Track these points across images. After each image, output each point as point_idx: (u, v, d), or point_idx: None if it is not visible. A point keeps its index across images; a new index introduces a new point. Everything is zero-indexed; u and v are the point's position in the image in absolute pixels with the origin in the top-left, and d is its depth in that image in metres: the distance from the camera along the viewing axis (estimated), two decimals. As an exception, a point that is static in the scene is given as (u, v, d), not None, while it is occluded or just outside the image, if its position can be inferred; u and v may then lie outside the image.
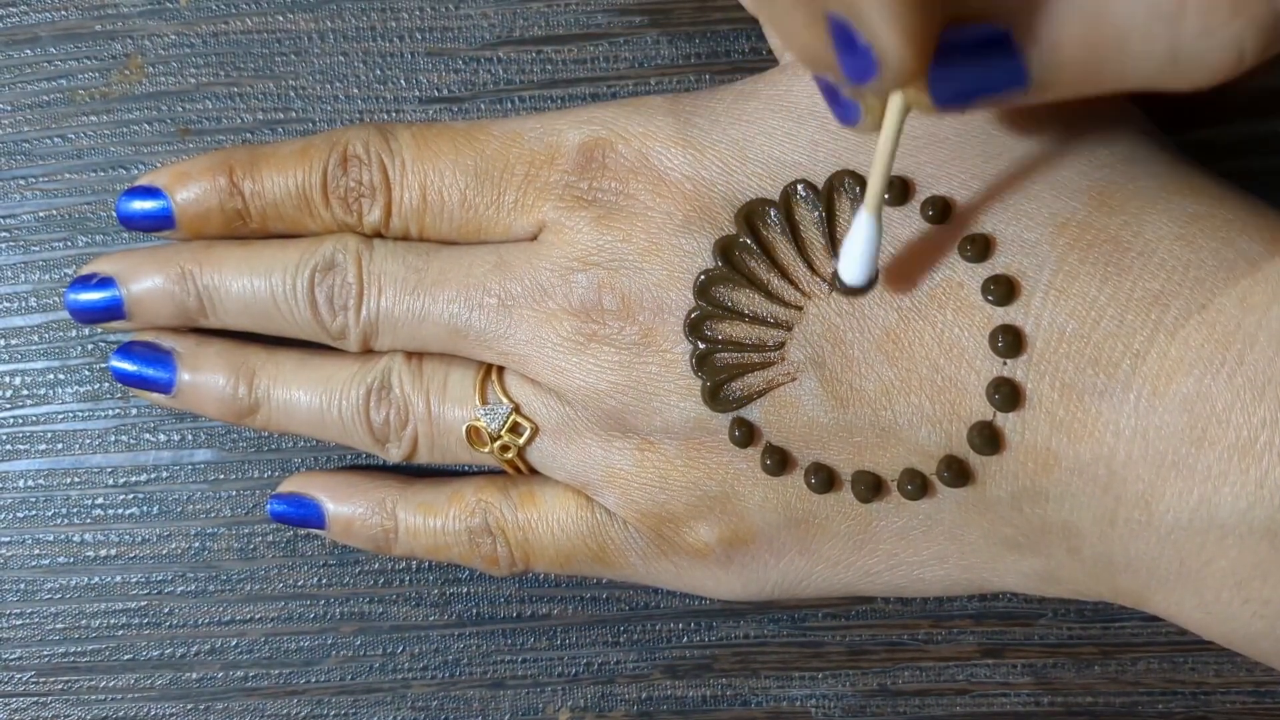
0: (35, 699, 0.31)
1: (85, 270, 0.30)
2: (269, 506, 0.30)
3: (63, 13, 0.31)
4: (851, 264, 0.23)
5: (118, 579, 0.31)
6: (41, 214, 0.31)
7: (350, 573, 0.31)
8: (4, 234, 0.31)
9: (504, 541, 0.29)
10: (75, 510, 0.31)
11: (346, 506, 0.30)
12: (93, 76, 0.31)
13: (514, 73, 0.31)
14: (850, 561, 0.27)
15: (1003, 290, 0.24)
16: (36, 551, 0.31)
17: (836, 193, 0.26)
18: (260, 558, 0.31)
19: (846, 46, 0.18)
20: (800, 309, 0.26)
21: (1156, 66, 0.18)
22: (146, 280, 0.29)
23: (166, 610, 0.31)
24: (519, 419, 0.28)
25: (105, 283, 0.29)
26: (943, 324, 0.25)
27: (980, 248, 0.25)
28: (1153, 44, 0.18)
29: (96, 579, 0.31)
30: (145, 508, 0.31)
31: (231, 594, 0.31)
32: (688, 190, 0.27)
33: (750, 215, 0.26)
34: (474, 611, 0.31)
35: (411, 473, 0.31)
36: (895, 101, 0.21)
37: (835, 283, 0.24)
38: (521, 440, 0.28)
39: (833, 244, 0.26)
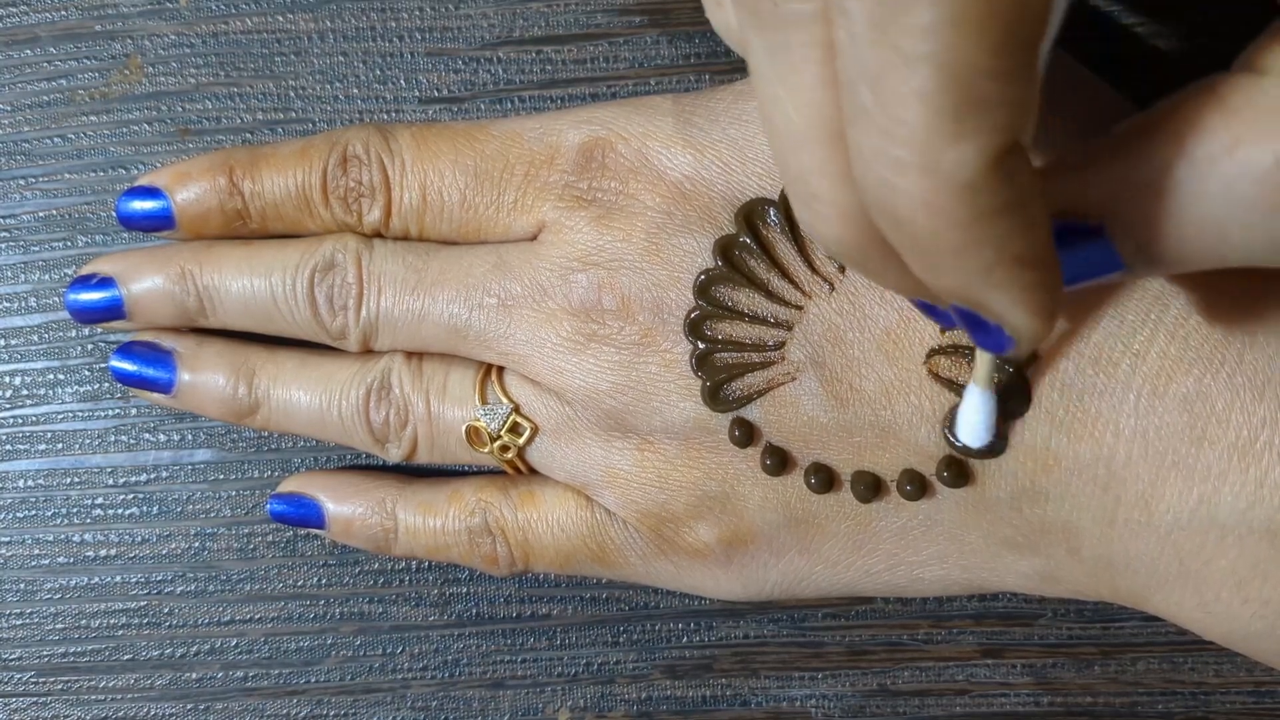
0: (35, 699, 0.31)
1: (85, 270, 0.30)
2: (269, 506, 0.30)
3: (62, 13, 0.31)
4: (971, 431, 0.24)
5: (117, 579, 0.31)
6: (41, 214, 0.31)
7: (350, 573, 0.31)
8: (4, 234, 0.31)
9: (504, 541, 0.29)
10: (75, 510, 0.31)
11: (346, 506, 0.30)
12: (92, 76, 0.31)
13: (514, 73, 0.31)
14: (850, 561, 0.27)
15: None
16: (36, 551, 0.31)
17: None
18: (260, 558, 0.31)
19: (977, 326, 0.19)
20: (800, 309, 0.26)
21: (1259, 254, 0.18)
22: (146, 280, 0.29)
23: (166, 610, 0.31)
24: (519, 419, 0.28)
25: (105, 283, 0.29)
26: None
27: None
28: (1253, 235, 0.18)
29: (96, 579, 0.31)
30: (145, 508, 0.31)
31: (231, 594, 0.31)
32: (687, 190, 0.27)
33: (750, 215, 0.26)
34: (474, 611, 0.31)
35: (411, 473, 0.31)
36: None
37: (956, 446, 0.25)
38: (521, 440, 0.28)
39: None
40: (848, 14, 0.16)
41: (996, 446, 0.24)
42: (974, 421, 0.24)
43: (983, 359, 0.23)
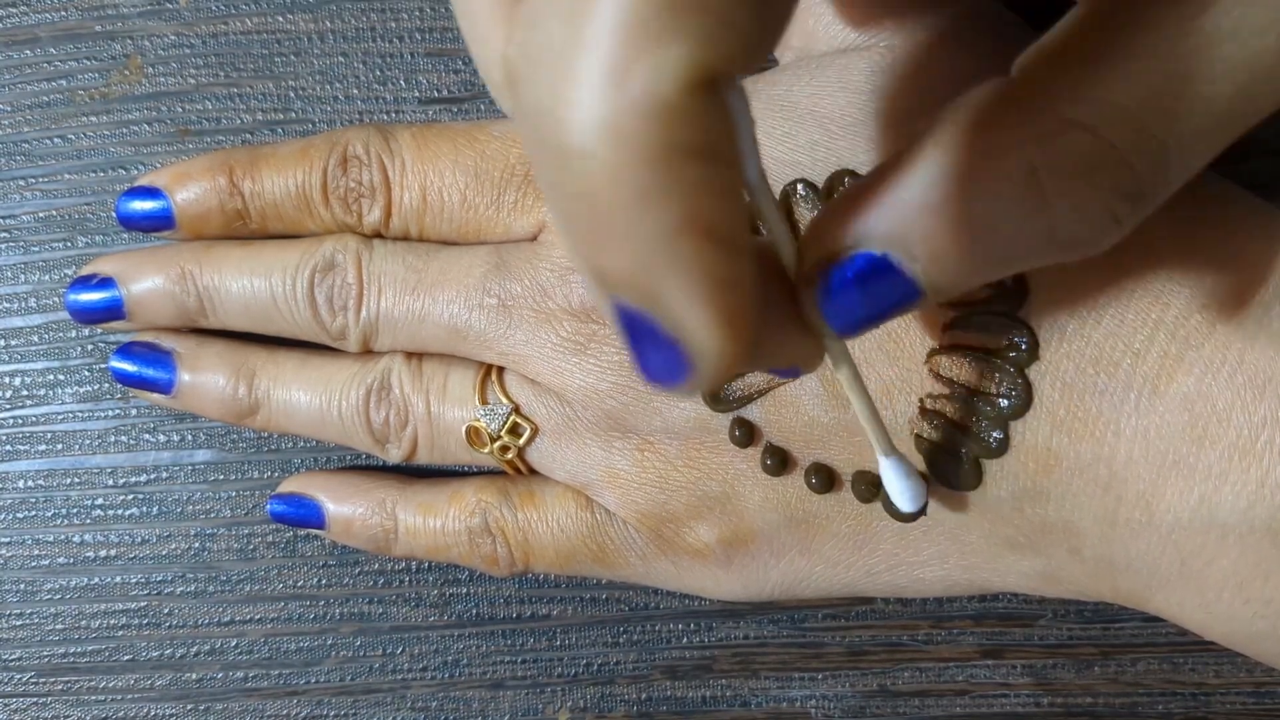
0: (35, 699, 0.31)
1: (85, 271, 0.30)
2: (269, 507, 0.30)
3: (62, 13, 0.31)
4: (900, 498, 0.24)
5: (117, 579, 0.31)
6: (41, 214, 0.31)
7: (350, 573, 0.31)
8: (4, 234, 0.31)
9: (504, 542, 0.29)
10: (75, 511, 0.31)
11: (346, 507, 0.30)
12: (92, 77, 0.31)
13: (514, 73, 0.30)
14: (850, 561, 0.27)
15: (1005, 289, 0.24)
16: (36, 552, 0.31)
17: (836, 193, 0.26)
18: (260, 558, 0.31)
19: (643, 339, 0.15)
20: (800, 309, 0.26)
21: (1040, 250, 0.18)
22: (146, 280, 0.29)
23: (166, 611, 0.31)
24: (519, 419, 0.28)
25: (105, 283, 0.29)
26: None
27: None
28: (1026, 233, 0.18)
29: (96, 579, 0.31)
30: (145, 508, 0.31)
31: (231, 594, 0.31)
32: (688, 189, 0.26)
33: (750, 215, 0.26)
34: (474, 612, 0.31)
35: (411, 473, 0.31)
36: (837, 353, 0.21)
37: (893, 512, 0.25)
38: (521, 441, 0.28)
39: None
40: None
41: (925, 507, 0.24)
42: (898, 489, 0.24)
43: (870, 427, 0.22)
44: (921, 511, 0.24)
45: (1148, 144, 0.18)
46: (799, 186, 0.26)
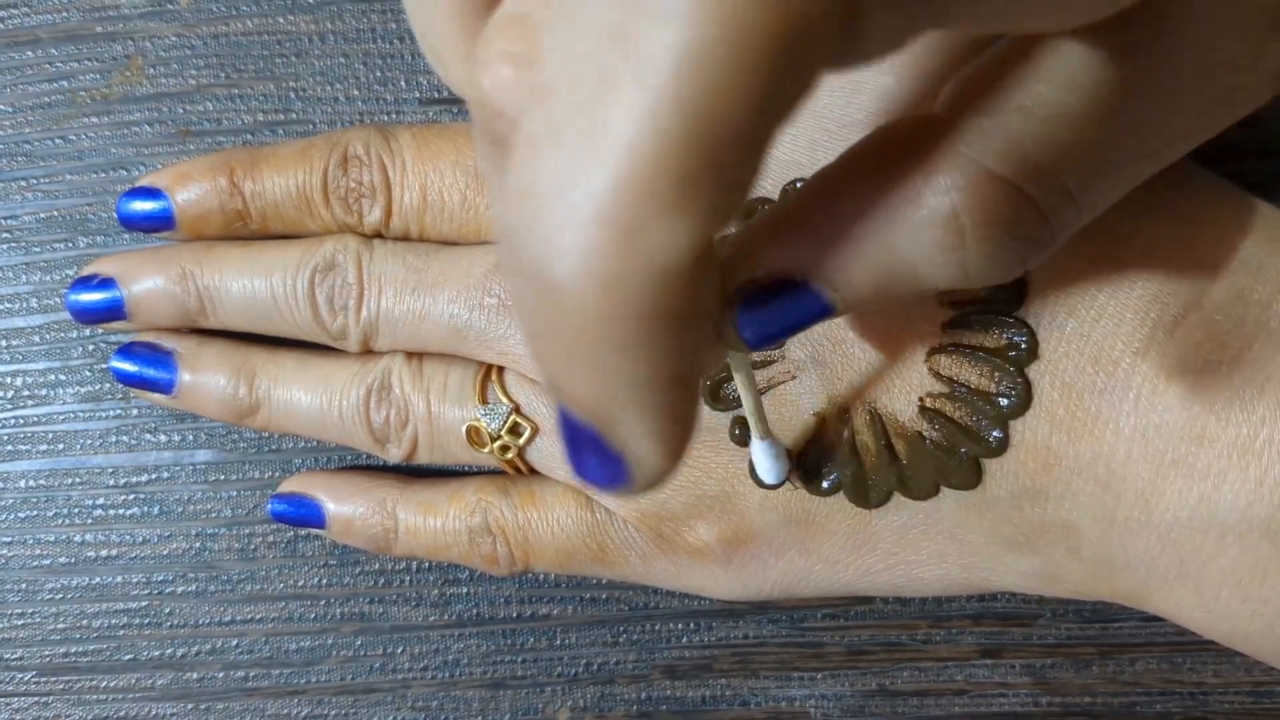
0: (36, 699, 0.31)
1: (86, 271, 0.30)
2: (269, 506, 0.30)
3: (63, 14, 0.31)
4: (766, 473, 0.26)
5: (118, 579, 0.31)
6: (42, 215, 0.31)
7: (350, 573, 0.31)
8: (5, 235, 0.31)
9: (504, 541, 0.29)
10: (76, 511, 0.31)
11: (347, 506, 0.30)
12: (93, 78, 0.31)
13: (514, 74, 0.31)
14: (850, 560, 0.27)
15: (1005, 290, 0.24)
16: (38, 552, 0.31)
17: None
18: (261, 558, 0.31)
19: (586, 448, 0.15)
20: (800, 309, 0.26)
21: (949, 282, 0.19)
22: (147, 281, 0.29)
23: (167, 610, 0.31)
24: (519, 419, 0.28)
25: (106, 283, 0.29)
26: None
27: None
28: (940, 270, 0.18)
29: (97, 579, 0.31)
30: (146, 508, 0.31)
31: (232, 594, 0.31)
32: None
33: (750, 214, 0.26)
34: (474, 612, 0.31)
35: (412, 473, 0.31)
36: (737, 359, 0.22)
37: (758, 483, 0.26)
38: (521, 440, 0.28)
39: None
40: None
41: (784, 480, 0.26)
42: (765, 466, 0.25)
43: (752, 416, 0.24)
44: (781, 483, 0.26)
45: (1064, 201, 0.18)
46: (798, 185, 0.26)
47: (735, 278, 0.19)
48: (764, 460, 0.25)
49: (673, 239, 0.13)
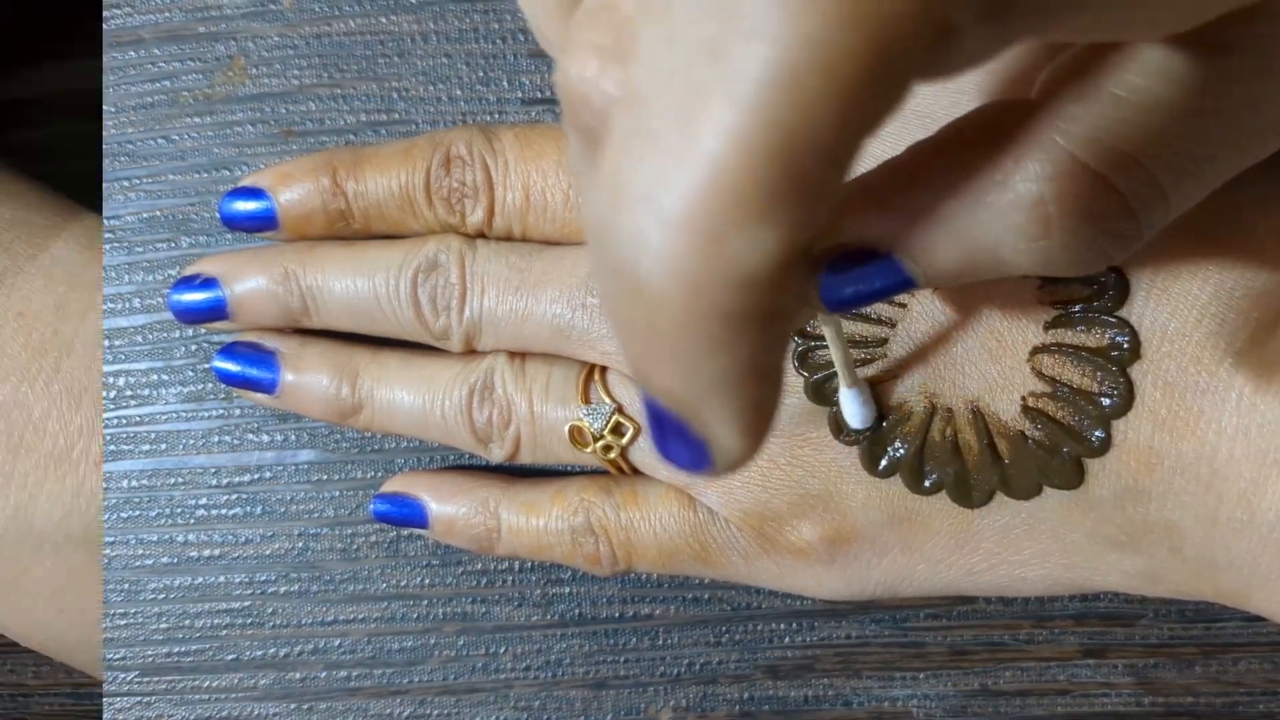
0: (139, 699, 0.32)
1: (189, 271, 0.30)
2: (372, 506, 0.30)
3: (166, 15, 0.31)
4: (853, 418, 0.26)
5: (221, 579, 0.31)
6: (145, 215, 0.31)
7: (453, 573, 0.31)
8: (109, 235, 0.31)
9: (606, 541, 0.29)
10: (179, 511, 0.31)
11: (450, 506, 0.30)
12: (196, 78, 0.31)
13: (617, 73, 0.31)
14: (952, 560, 0.27)
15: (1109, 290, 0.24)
16: (140, 552, 0.31)
17: None
18: (363, 558, 0.31)
19: (671, 435, 0.15)
20: (904, 305, 0.26)
21: (1032, 269, 0.19)
22: (250, 281, 0.29)
23: (269, 610, 0.31)
24: (621, 419, 0.28)
25: (209, 283, 0.30)
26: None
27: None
28: (1024, 257, 0.19)
29: (200, 579, 0.31)
30: (248, 508, 0.31)
31: (334, 594, 0.31)
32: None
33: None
34: (576, 612, 0.31)
35: (514, 473, 0.31)
36: (829, 322, 0.23)
37: (845, 430, 0.26)
38: (624, 440, 0.28)
39: None
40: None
41: (875, 423, 0.26)
42: (852, 411, 0.26)
43: (841, 364, 0.25)
44: (868, 428, 0.26)
45: (1153, 194, 0.18)
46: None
47: (822, 242, 0.19)
48: (851, 405, 0.25)
49: (758, 245, 0.13)
